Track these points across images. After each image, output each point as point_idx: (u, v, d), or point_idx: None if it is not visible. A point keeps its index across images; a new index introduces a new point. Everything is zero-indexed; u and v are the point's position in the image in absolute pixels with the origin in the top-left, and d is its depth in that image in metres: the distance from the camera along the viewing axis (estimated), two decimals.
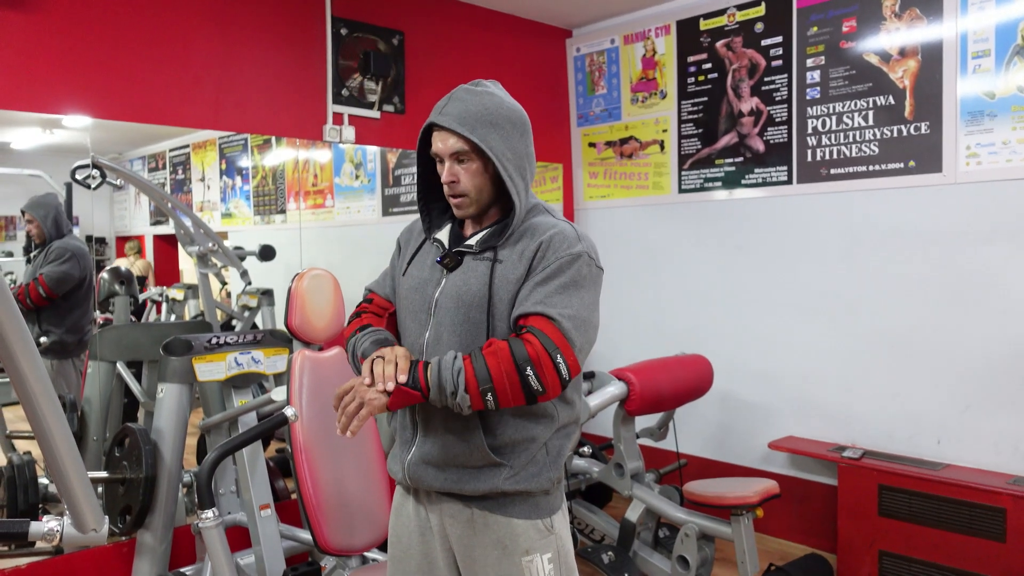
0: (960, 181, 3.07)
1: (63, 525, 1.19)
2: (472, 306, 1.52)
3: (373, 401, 1.42)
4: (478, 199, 1.56)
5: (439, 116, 1.54)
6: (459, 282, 1.55)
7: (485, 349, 1.44)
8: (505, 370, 1.41)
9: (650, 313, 4.12)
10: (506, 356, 1.42)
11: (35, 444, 1.07)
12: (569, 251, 1.50)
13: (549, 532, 1.58)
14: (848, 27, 3.34)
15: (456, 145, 1.52)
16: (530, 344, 1.42)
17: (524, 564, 1.55)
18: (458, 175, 1.54)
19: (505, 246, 1.55)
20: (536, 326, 1.44)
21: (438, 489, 1.57)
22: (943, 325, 3.15)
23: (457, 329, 1.53)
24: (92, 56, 2.79)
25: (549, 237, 1.51)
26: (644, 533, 3.15)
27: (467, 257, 1.57)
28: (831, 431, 3.49)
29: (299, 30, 3.34)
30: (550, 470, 1.57)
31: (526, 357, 1.41)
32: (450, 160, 1.54)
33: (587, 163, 4.40)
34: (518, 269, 1.52)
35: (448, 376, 1.42)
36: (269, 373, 2.88)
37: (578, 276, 1.50)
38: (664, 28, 3.99)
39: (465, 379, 1.41)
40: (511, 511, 1.55)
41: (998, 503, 2.82)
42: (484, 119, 1.52)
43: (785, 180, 3.58)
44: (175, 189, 4.25)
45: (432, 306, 1.58)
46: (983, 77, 2.99)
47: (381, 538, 2.49)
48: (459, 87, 1.57)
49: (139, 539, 2.69)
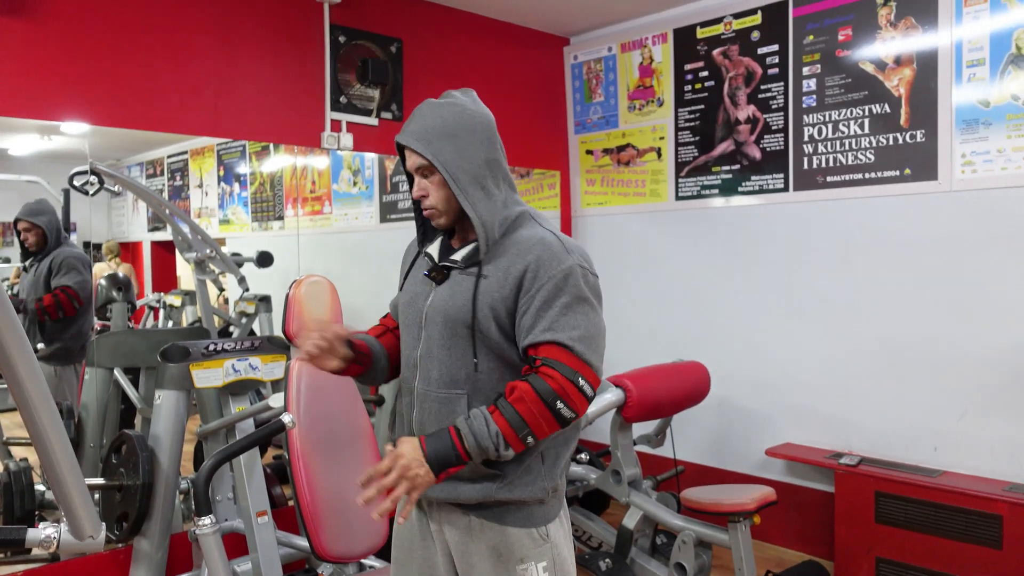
0: (955, 189, 3.09)
1: (60, 532, 1.19)
2: (458, 321, 1.53)
3: (419, 481, 1.44)
4: (446, 210, 1.58)
5: (401, 134, 1.58)
6: (446, 296, 1.56)
7: (510, 396, 1.45)
8: (537, 411, 1.44)
9: (647, 320, 4.12)
10: (533, 398, 1.44)
11: (32, 450, 1.07)
12: (560, 267, 1.49)
13: (544, 541, 1.58)
14: (844, 36, 3.36)
15: (418, 161, 1.55)
16: (551, 378, 1.44)
17: (519, 572, 1.55)
18: (427, 189, 1.57)
19: (489, 260, 1.55)
20: (551, 356, 1.46)
21: (436, 498, 1.58)
22: (940, 332, 3.16)
23: (446, 343, 1.55)
24: (91, 63, 2.80)
25: (536, 257, 1.50)
26: (641, 540, 3.15)
27: (454, 271, 1.58)
28: (828, 438, 3.49)
29: (298, 38, 3.35)
30: (545, 479, 1.57)
31: (552, 392, 1.44)
32: (418, 175, 1.58)
33: (584, 170, 4.42)
34: (504, 287, 1.51)
35: (488, 443, 1.44)
36: (266, 380, 2.88)
37: (576, 292, 1.49)
38: (661, 36, 4.01)
39: (504, 436, 1.44)
40: (506, 519, 1.56)
41: (994, 510, 2.82)
42: (441, 132, 1.53)
43: (781, 188, 3.60)
44: (173, 195, 4.25)
45: (423, 320, 1.60)
46: (978, 85, 3.01)
47: (378, 545, 2.49)
48: (424, 102, 1.60)
49: (136, 546, 2.68)
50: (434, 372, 1.56)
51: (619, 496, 3.13)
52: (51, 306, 3.33)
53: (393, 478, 1.42)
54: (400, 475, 1.42)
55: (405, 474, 1.42)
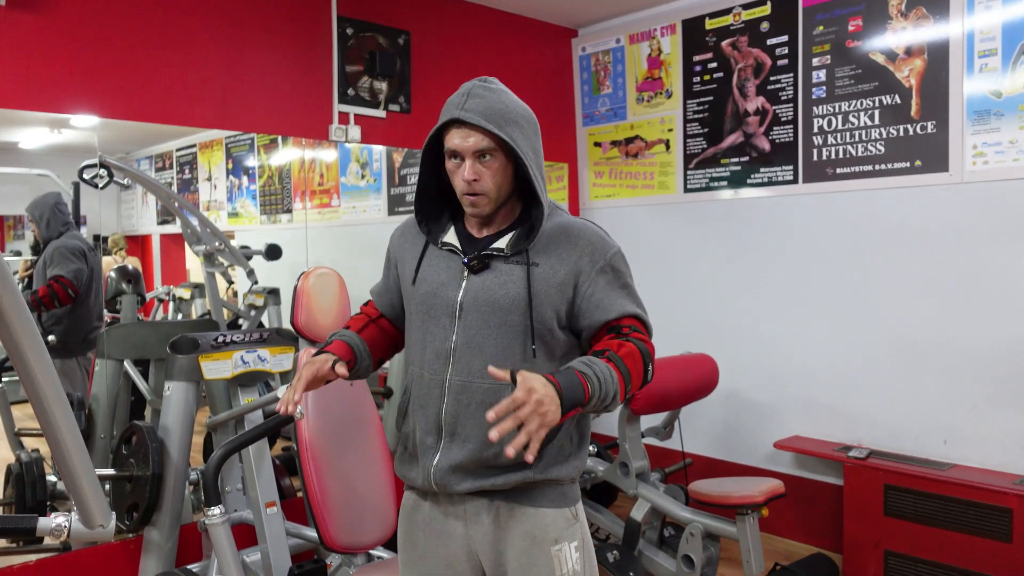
0: (967, 180, 3.06)
1: (71, 521, 1.20)
2: (511, 310, 1.52)
3: (550, 418, 1.30)
4: (497, 198, 1.54)
5: (462, 112, 1.49)
6: (493, 285, 1.54)
7: (620, 351, 1.46)
8: (638, 370, 1.48)
9: (655, 312, 4.07)
10: (638, 357, 1.48)
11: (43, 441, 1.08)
12: (611, 251, 1.57)
13: (575, 520, 1.60)
14: (854, 26, 3.33)
15: (481, 143, 1.48)
16: (647, 343, 1.52)
17: (553, 553, 1.55)
18: (480, 174, 1.50)
19: (537, 248, 1.54)
20: (636, 325, 1.54)
21: (468, 490, 1.55)
22: (950, 325, 3.14)
23: (493, 332, 1.53)
24: (100, 56, 2.81)
25: (588, 243, 1.55)
26: (649, 532, 3.15)
27: (496, 261, 1.55)
28: (837, 431, 3.48)
29: (305, 30, 3.35)
30: (576, 458, 1.59)
31: (649, 354, 1.51)
32: (471, 158, 1.50)
33: (592, 163, 4.40)
34: (559, 273, 1.52)
35: (610, 389, 1.40)
36: (275, 371, 2.89)
37: (628, 272, 1.60)
38: (670, 27, 3.99)
39: (619, 387, 1.43)
40: (540, 501, 1.56)
41: (1005, 503, 2.81)
42: (507, 117, 1.50)
43: (791, 180, 3.58)
44: (182, 189, 4.26)
45: (456, 309, 1.56)
46: (990, 76, 2.98)
47: (387, 536, 2.50)
48: (471, 83, 1.53)
49: (146, 536, 2.70)
50: (476, 362, 1.52)
51: (627, 488, 3.13)
52: (46, 297, 3.33)
53: (527, 412, 1.29)
54: (533, 409, 1.29)
55: (538, 409, 1.29)
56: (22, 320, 0.96)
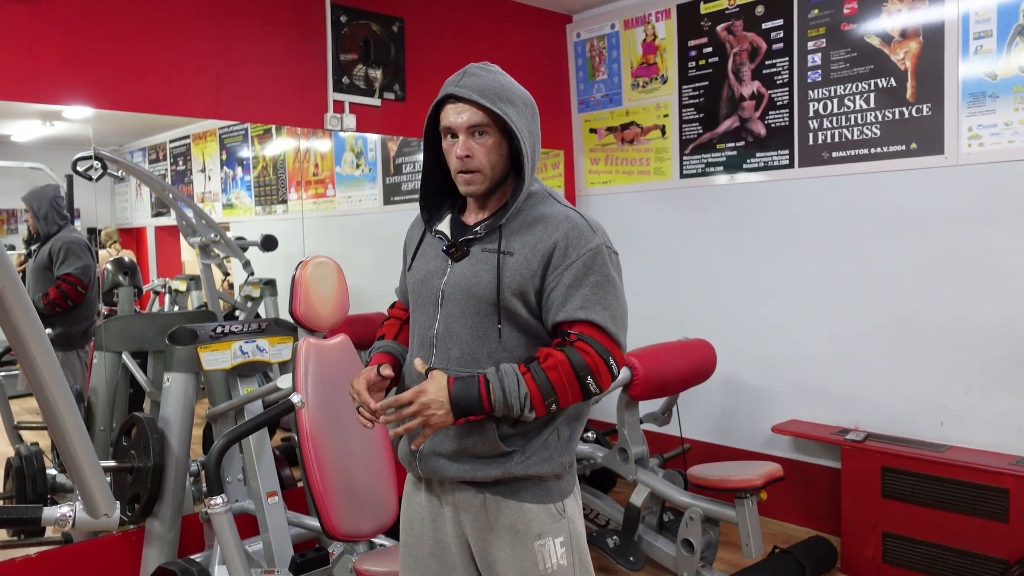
0: (962, 163, 3.07)
1: (75, 510, 1.20)
2: (482, 299, 1.52)
3: (435, 421, 1.45)
4: (491, 176, 1.54)
5: (457, 88, 1.50)
6: (468, 273, 1.54)
7: (544, 363, 1.46)
8: (567, 381, 1.46)
9: (652, 298, 4.12)
10: (567, 368, 1.46)
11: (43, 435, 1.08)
12: (588, 246, 1.51)
13: (561, 516, 1.58)
14: (849, 9, 3.33)
15: (474, 118, 1.49)
16: (587, 354, 1.47)
17: (536, 548, 1.55)
18: (473, 150, 1.51)
19: (512, 232, 1.53)
20: (586, 333, 1.48)
21: (451, 477, 1.57)
22: (945, 307, 3.15)
23: (468, 321, 1.53)
24: (93, 47, 2.78)
25: (564, 234, 1.50)
26: (649, 517, 3.17)
27: (475, 248, 1.55)
28: (834, 414, 3.50)
29: (299, 18, 3.33)
30: (561, 455, 1.57)
31: (585, 366, 1.47)
32: (465, 134, 1.50)
33: (588, 149, 4.40)
34: (531, 264, 1.50)
35: (514, 401, 1.44)
36: (274, 361, 2.89)
37: (605, 271, 1.52)
38: (664, 12, 3.98)
39: (531, 399, 1.45)
40: (523, 496, 1.56)
41: (1001, 484, 2.83)
42: (502, 95, 1.49)
43: (787, 164, 3.58)
44: (176, 180, 4.24)
45: (439, 298, 1.57)
46: (985, 58, 2.98)
47: (388, 524, 2.51)
48: (470, 65, 1.54)
49: (148, 527, 2.71)
50: (454, 351, 1.54)
51: (626, 474, 3.15)
52: (58, 298, 3.32)
53: (411, 411, 1.44)
54: (418, 410, 1.44)
55: (423, 411, 1.44)
56: (24, 310, 0.96)
